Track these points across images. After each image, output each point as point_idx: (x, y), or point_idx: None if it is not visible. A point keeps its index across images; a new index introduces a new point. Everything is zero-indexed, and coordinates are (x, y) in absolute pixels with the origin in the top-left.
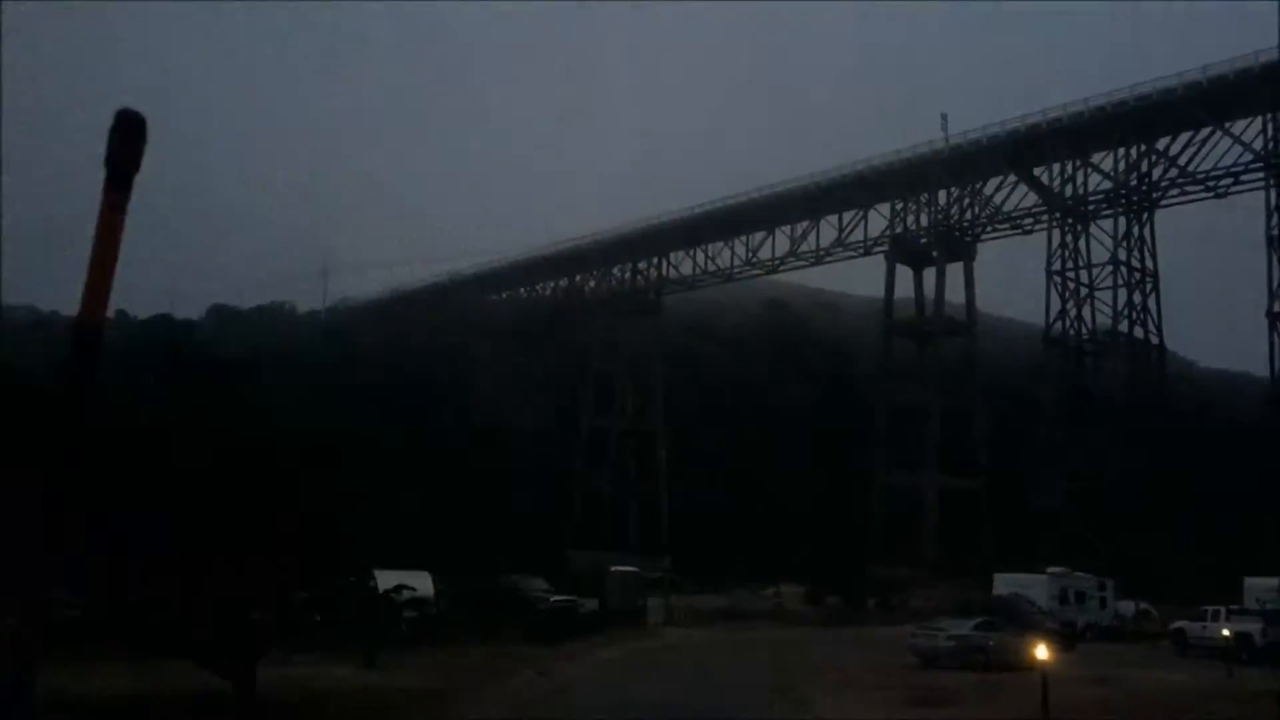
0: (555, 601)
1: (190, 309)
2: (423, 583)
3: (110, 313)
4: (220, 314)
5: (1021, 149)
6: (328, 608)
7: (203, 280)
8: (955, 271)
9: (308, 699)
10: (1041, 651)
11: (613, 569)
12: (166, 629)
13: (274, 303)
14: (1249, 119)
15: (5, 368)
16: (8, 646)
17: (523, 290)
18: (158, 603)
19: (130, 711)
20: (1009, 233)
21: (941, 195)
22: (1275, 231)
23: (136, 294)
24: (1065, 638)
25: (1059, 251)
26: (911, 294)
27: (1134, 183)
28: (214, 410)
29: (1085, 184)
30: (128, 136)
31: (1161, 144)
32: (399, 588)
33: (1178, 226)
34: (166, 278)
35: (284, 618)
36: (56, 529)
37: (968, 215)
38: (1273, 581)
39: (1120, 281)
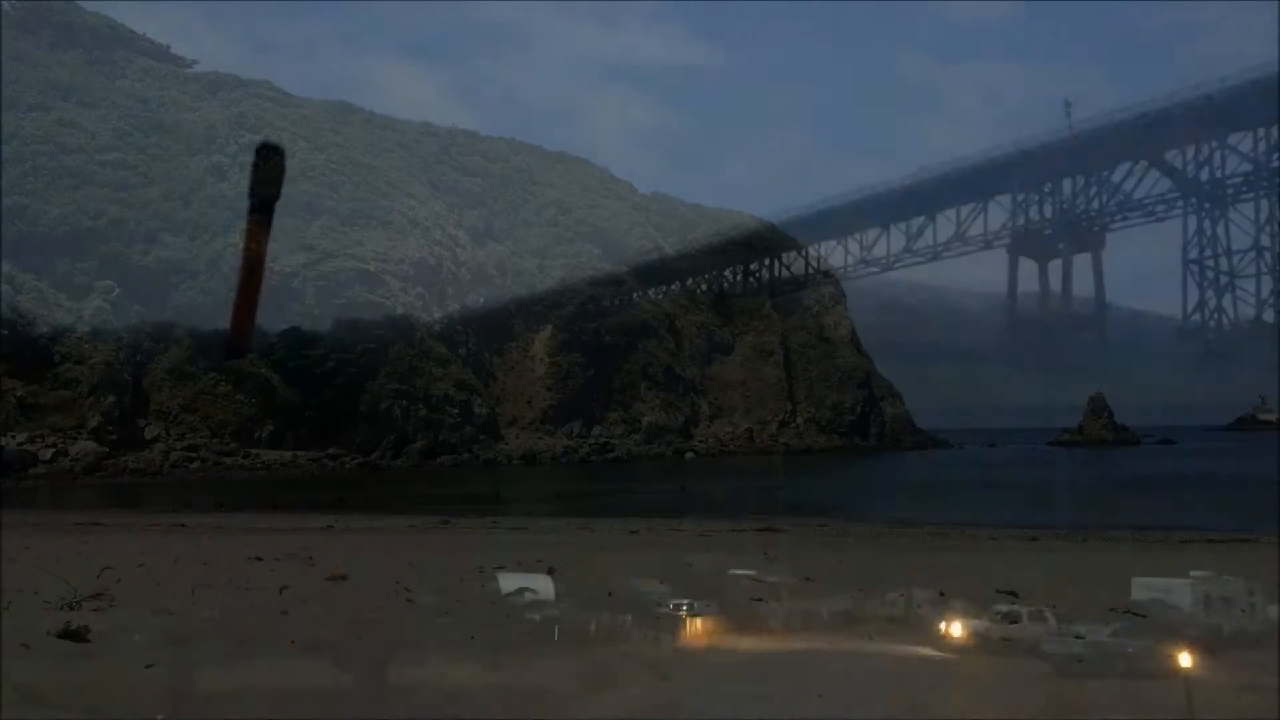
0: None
1: (318, 322)
2: (544, 585)
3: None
4: (345, 326)
5: (1153, 133)
6: None
7: (328, 294)
8: (1082, 263)
9: None
10: None
11: None
12: None
13: (395, 315)
14: None
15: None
16: None
17: (635, 295)
18: None
19: None
20: (1140, 221)
21: (1066, 185)
22: None
23: (269, 308)
24: None
25: (1195, 239)
26: (1035, 288)
27: (1276, 164)
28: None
29: (1223, 167)
30: (269, 167)
31: None
32: (521, 591)
33: None
34: (296, 291)
35: None
36: None
37: (1094, 204)
38: None
39: (1264, 268)
